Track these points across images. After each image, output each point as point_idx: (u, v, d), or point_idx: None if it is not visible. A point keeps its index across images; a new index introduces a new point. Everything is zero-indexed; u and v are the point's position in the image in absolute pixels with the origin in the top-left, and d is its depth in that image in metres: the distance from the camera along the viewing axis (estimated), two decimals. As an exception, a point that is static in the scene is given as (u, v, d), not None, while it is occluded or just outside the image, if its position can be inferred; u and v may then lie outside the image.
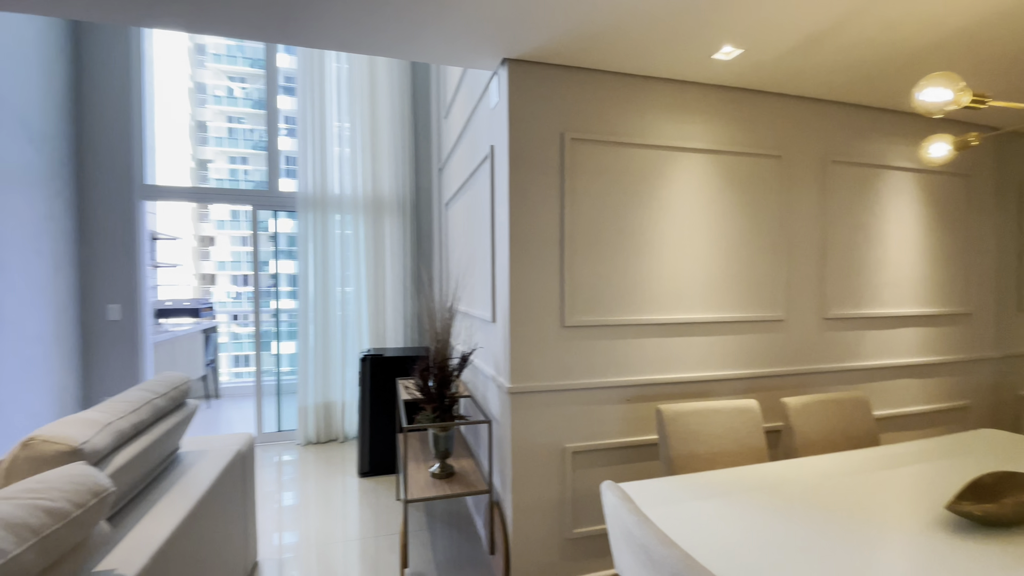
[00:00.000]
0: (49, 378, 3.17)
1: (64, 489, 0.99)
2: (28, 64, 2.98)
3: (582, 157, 1.98)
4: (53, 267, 3.21)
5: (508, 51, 1.84)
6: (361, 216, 3.97)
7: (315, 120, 3.89)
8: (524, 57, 1.88)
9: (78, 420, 1.28)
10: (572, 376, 1.96)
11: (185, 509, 1.45)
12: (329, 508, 2.80)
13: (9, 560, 0.81)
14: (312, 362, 3.90)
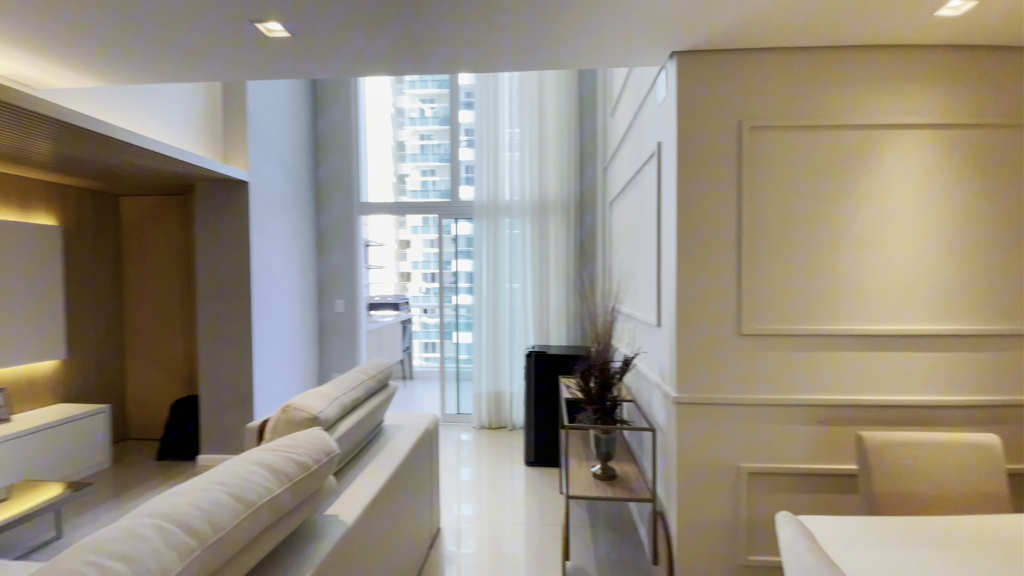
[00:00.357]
0: (298, 355, 4.08)
1: (308, 448, 1.28)
2: (284, 113, 3.86)
3: (763, 146, 1.78)
4: (300, 271, 4.11)
5: (677, 44, 1.76)
6: (528, 218, 4.19)
7: (489, 130, 4.22)
8: (694, 47, 1.77)
9: (316, 394, 1.64)
10: (750, 389, 1.78)
11: (388, 472, 1.73)
12: (499, 491, 3.03)
13: (273, 497, 1.09)
14: (484, 353, 4.26)
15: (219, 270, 3.44)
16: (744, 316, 1.77)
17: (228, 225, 3.42)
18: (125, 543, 0.80)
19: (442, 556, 2.32)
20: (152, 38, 1.75)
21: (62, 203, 3.49)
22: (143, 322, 4.00)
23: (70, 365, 3.54)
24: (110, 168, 2.98)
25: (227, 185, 3.41)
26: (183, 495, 0.96)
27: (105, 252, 3.85)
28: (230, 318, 3.44)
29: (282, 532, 1.16)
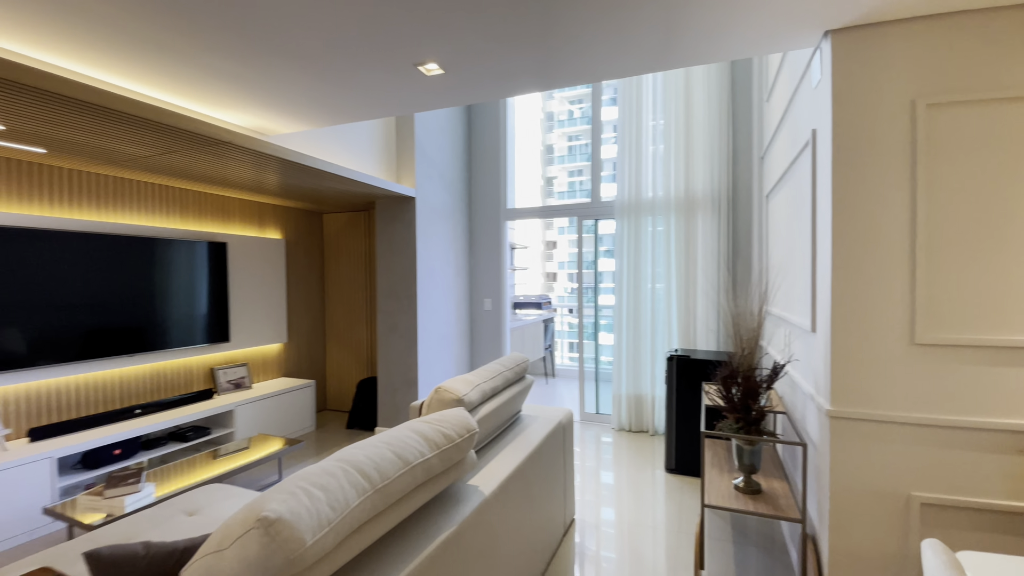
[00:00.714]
0: (453, 348, 4.56)
1: (453, 423, 1.50)
2: (443, 133, 4.35)
3: (946, 127, 1.51)
4: (455, 273, 4.59)
5: (832, 21, 1.59)
6: (672, 216, 4.05)
7: (631, 124, 4.18)
8: (852, 24, 1.59)
9: (462, 380, 1.88)
10: (926, 407, 1.53)
11: (522, 456, 1.90)
12: (636, 493, 3.02)
13: (425, 459, 1.32)
14: (625, 355, 4.24)
15: (392, 273, 4.04)
16: (919, 323, 1.53)
17: (399, 235, 4.00)
18: (322, 478, 1.07)
19: (574, 546, 2.42)
20: (342, 88, 2.19)
21: (285, 221, 4.46)
22: (338, 315, 4.88)
23: (288, 347, 4.50)
24: (317, 192, 3.72)
25: (399, 201, 3.99)
26: (361, 450, 1.23)
27: (313, 258, 4.79)
28: (400, 314, 4.01)
29: (432, 491, 1.38)
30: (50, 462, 2.56)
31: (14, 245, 2.60)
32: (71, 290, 2.84)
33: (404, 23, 1.66)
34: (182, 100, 2.34)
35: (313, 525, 0.95)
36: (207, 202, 3.75)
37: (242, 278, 3.94)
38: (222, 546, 0.93)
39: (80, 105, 1.87)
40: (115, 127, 2.14)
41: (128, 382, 3.25)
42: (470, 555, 1.45)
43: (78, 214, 2.97)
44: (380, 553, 1.22)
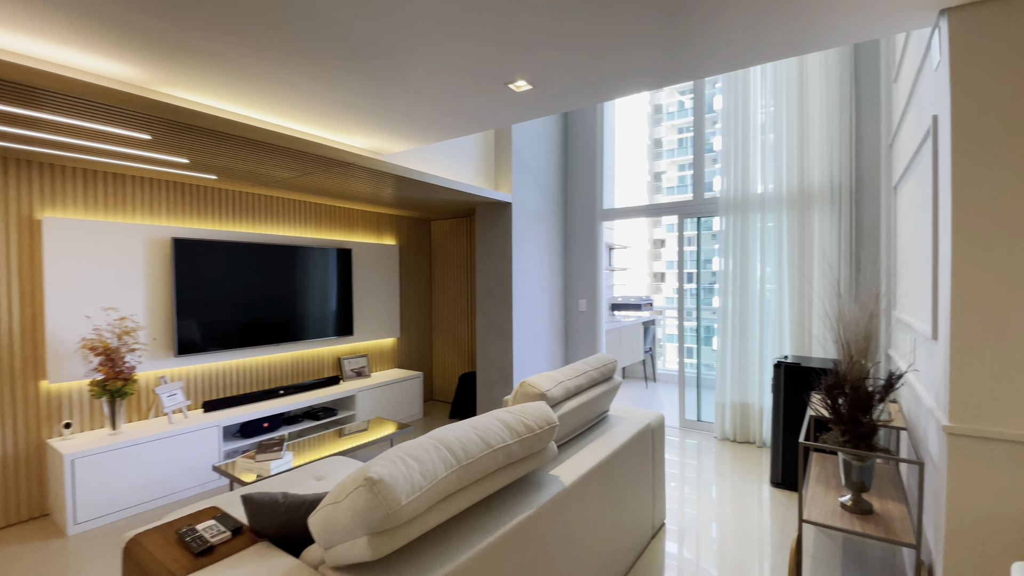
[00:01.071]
0: (547, 347, 4.69)
1: (534, 415, 1.62)
2: (539, 139, 4.50)
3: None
4: (549, 274, 4.71)
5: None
6: (784, 212, 3.77)
7: (737, 113, 3.96)
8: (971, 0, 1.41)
9: (546, 376, 1.99)
10: (1077, 431, 1.31)
11: (605, 453, 1.96)
12: (736, 505, 2.89)
13: (506, 445, 1.45)
14: (729, 360, 4.02)
15: (490, 275, 4.28)
16: (1069, 332, 1.31)
17: (497, 238, 4.23)
18: (417, 451, 1.25)
19: (662, 549, 2.40)
20: (444, 110, 2.43)
21: (398, 229, 4.94)
22: (443, 313, 5.27)
23: (401, 342, 4.97)
24: (425, 202, 4.09)
25: (496, 207, 4.22)
26: (451, 431, 1.40)
27: (421, 262, 5.24)
28: (497, 313, 4.24)
29: (513, 475, 1.52)
30: (218, 429, 3.16)
31: (194, 254, 3.25)
32: (234, 290, 3.47)
33: (494, 50, 1.83)
34: (316, 130, 2.76)
35: (407, 488, 1.13)
36: (336, 214, 4.30)
37: (363, 280, 4.45)
38: (338, 499, 1.15)
39: (243, 141, 2.31)
40: (267, 156, 2.60)
41: (274, 367, 3.87)
42: (548, 539, 1.56)
43: (239, 227, 3.61)
44: (465, 523, 1.38)
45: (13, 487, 2.63)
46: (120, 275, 2.96)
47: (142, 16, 1.57)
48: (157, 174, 3.03)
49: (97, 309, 2.86)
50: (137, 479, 2.78)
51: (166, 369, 3.22)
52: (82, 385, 2.86)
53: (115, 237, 2.93)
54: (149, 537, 1.40)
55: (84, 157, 2.59)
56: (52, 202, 2.75)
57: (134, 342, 2.93)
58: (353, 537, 1.12)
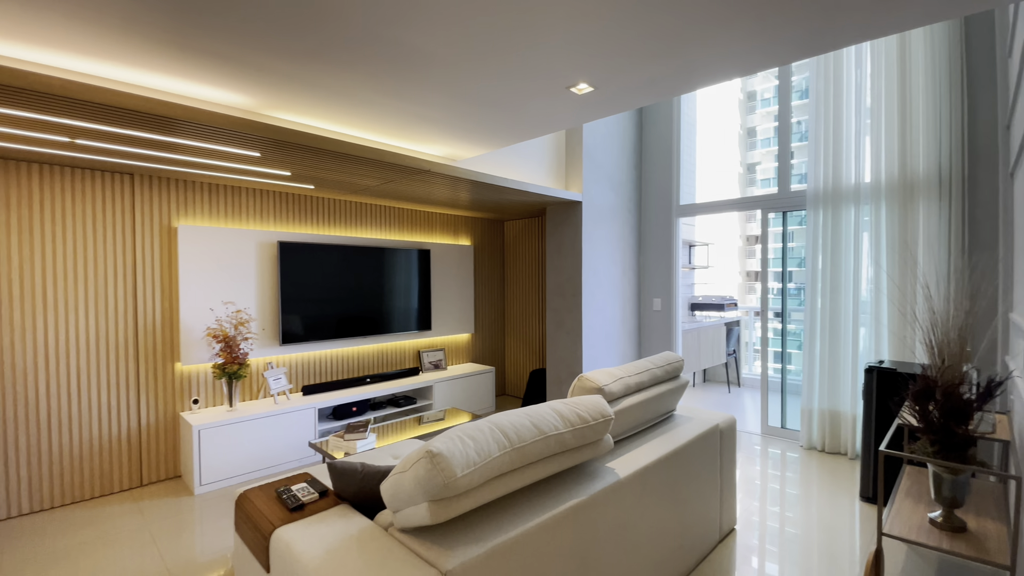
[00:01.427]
0: (618, 346, 4.66)
1: (589, 407, 1.69)
2: (611, 137, 4.49)
3: None
4: (621, 272, 4.68)
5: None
6: (882, 204, 3.45)
7: (827, 98, 3.68)
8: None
9: (605, 372, 2.04)
10: None
11: (666, 450, 1.97)
12: (820, 517, 2.72)
13: (559, 433, 1.53)
14: (818, 365, 3.76)
15: (560, 273, 4.35)
16: None
17: (567, 237, 4.29)
18: (473, 432, 1.37)
19: (730, 555, 2.34)
20: (512, 115, 2.55)
21: (472, 230, 5.16)
22: (515, 311, 5.43)
23: (474, 337, 5.20)
24: (498, 203, 4.26)
25: (567, 206, 4.28)
26: (506, 416, 1.51)
27: (494, 261, 5.43)
28: (567, 311, 4.30)
29: (566, 462, 1.59)
30: (314, 411, 3.54)
31: (295, 255, 3.66)
32: (329, 287, 3.86)
33: (554, 57, 1.91)
34: (396, 141, 3.01)
35: (463, 463, 1.25)
36: (416, 217, 4.61)
37: (440, 278, 4.72)
38: (403, 469, 1.30)
39: (335, 155, 2.60)
40: (355, 167, 2.89)
41: (362, 357, 4.24)
42: (602, 528, 1.62)
43: (333, 231, 4.01)
44: (519, 502, 1.48)
45: (154, 451, 3.15)
46: (236, 274, 3.43)
47: (255, 54, 1.85)
48: (265, 186, 3.47)
49: (218, 303, 3.34)
50: (248, 450, 3.21)
51: (272, 356, 3.67)
52: (206, 368, 3.35)
53: (233, 241, 3.40)
54: (255, 493, 1.66)
55: (208, 173, 3.05)
56: (184, 212, 3.25)
57: (247, 332, 3.38)
58: (415, 503, 1.27)
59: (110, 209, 2.98)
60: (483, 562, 1.24)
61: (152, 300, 3.13)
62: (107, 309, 2.97)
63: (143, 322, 3.10)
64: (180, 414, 3.22)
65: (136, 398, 3.08)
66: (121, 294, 3.02)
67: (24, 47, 1.77)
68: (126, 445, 3.05)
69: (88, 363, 2.91)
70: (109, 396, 2.98)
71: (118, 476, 3.02)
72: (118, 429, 3.02)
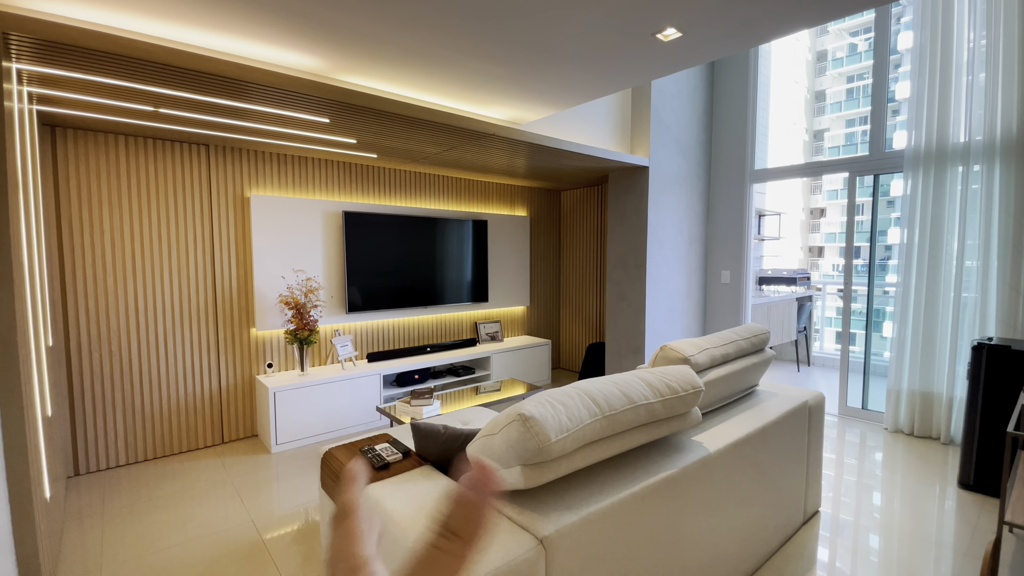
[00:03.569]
0: (682, 320, 4.47)
1: (677, 378, 1.58)
2: (681, 97, 4.21)
3: None
4: (688, 242, 4.45)
5: None
6: (996, 165, 3.05)
7: (933, 47, 3.27)
8: None
9: (689, 342, 1.91)
10: None
11: (754, 426, 1.84)
12: (914, 504, 2.51)
13: (648, 403, 1.44)
14: (910, 344, 3.45)
15: (622, 243, 4.18)
16: None
17: (631, 205, 4.10)
18: (562, 397, 1.31)
19: (814, 536, 2.20)
20: (585, 70, 2.40)
21: (529, 200, 5.05)
22: (571, 283, 5.31)
23: (530, 310, 5.14)
24: (557, 170, 4.12)
25: (631, 172, 4.08)
26: (593, 383, 1.43)
27: (551, 232, 5.31)
28: (629, 283, 4.14)
29: (655, 433, 1.51)
30: (379, 377, 3.62)
31: (359, 225, 3.70)
32: (391, 257, 3.89)
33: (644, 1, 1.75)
34: (462, 104, 2.93)
35: (556, 427, 1.19)
36: (473, 188, 4.55)
37: (497, 250, 4.67)
38: (492, 432, 1.26)
39: (400, 118, 2.55)
40: (419, 132, 2.83)
41: (422, 326, 4.28)
42: (691, 501, 1.53)
43: (394, 202, 4.02)
44: (609, 471, 1.42)
45: (233, 411, 3.33)
46: (304, 243, 3.50)
47: (324, 7, 1.80)
48: (331, 155, 3.49)
49: (289, 271, 3.43)
50: (319, 412, 3.33)
51: (339, 323, 3.76)
52: (279, 333, 3.48)
53: (300, 210, 3.47)
54: (339, 451, 1.68)
55: (277, 143, 3.09)
56: (256, 182, 3.33)
57: (316, 300, 3.47)
58: (508, 465, 1.22)
59: (188, 179, 3.09)
60: (578, 529, 1.19)
61: (229, 268, 3.25)
62: (188, 276, 3.12)
63: (221, 289, 3.23)
64: (256, 377, 3.36)
65: (216, 361, 3.24)
66: (201, 262, 3.16)
67: (102, 10, 1.80)
68: (208, 405, 3.23)
69: (173, 327, 3.08)
70: (192, 358, 3.15)
71: (202, 433, 3.22)
72: (201, 389, 3.20)
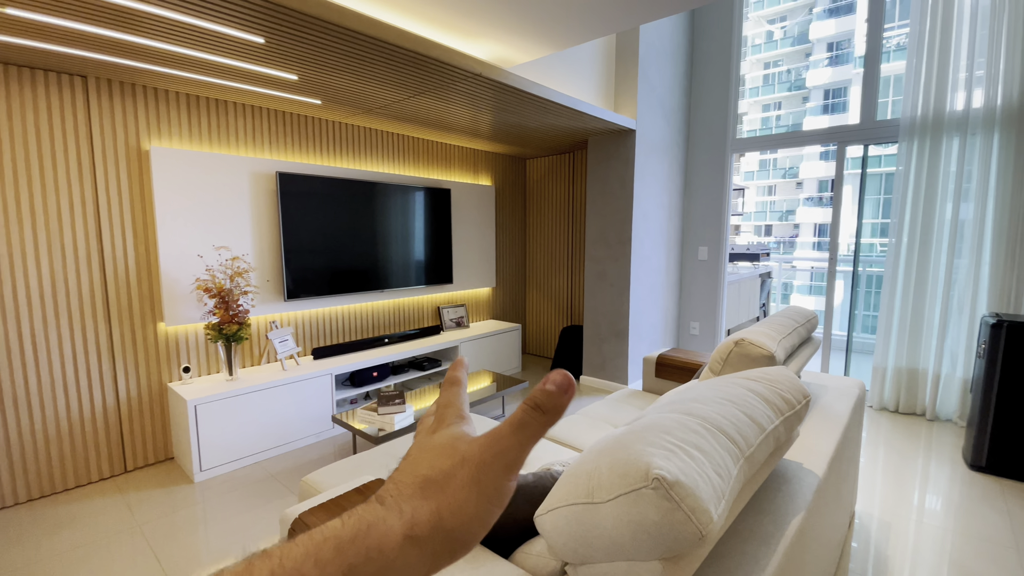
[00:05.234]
0: (661, 298, 4.20)
1: (788, 386, 1.18)
2: (664, 56, 3.83)
3: None
4: (667, 216, 4.14)
5: None
6: (996, 134, 2.96)
7: (937, 11, 3.09)
8: None
9: (762, 333, 1.54)
10: None
11: (837, 432, 1.51)
12: (936, 492, 2.37)
13: (775, 427, 1.03)
14: (897, 320, 3.37)
15: (603, 217, 3.79)
16: None
17: (614, 174, 3.70)
18: (688, 435, 0.85)
19: (867, 541, 1.96)
20: None
21: (494, 168, 4.51)
22: (538, 261, 4.88)
23: (496, 292, 4.66)
24: (526, 133, 3.60)
25: (616, 136, 3.66)
26: (701, 403, 0.99)
27: (516, 205, 4.81)
28: (611, 261, 3.77)
29: (772, 465, 1.11)
30: (330, 377, 3.00)
31: (299, 190, 2.99)
32: (339, 229, 3.21)
33: None
34: (435, 31, 2.32)
35: (711, 494, 0.74)
36: (432, 150, 3.92)
37: (461, 224, 4.11)
38: (595, 498, 0.78)
39: (356, 43, 1.92)
40: (377, 66, 2.20)
41: (376, 314, 3.66)
42: (813, 543, 1.16)
43: (342, 163, 3.32)
44: (735, 533, 1.00)
45: (139, 430, 2.58)
46: (227, 212, 2.76)
47: None
48: (262, 99, 2.74)
49: (208, 248, 2.68)
50: (256, 426, 2.67)
51: (276, 314, 3.07)
52: (197, 329, 2.74)
53: (221, 170, 2.71)
54: (315, 518, 1.13)
55: (189, 76, 2.32)
56: (159, 132, 2.53)
57: (246, 284, 2.75)
58: (633, 559, 0.76)
59: (58, 123, 2.25)
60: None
61: (123, 244, 2.46)
62: (64, 255, 2.30)
63: (112, 271, 2.44)
64: (168, 385, 2.62)
65: (111, 366, 2.47)
66: (81, 235, 2.34)
67: None
68: (102, 424, 2.46)
69: (45, 322, 2.27)
70: (76, 364, 2.36)
71: (95, 462, 2.46)
72: (90, 405, 2.42)
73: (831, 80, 23.51)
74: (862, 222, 3.88)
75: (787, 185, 24.97)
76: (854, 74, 22.00)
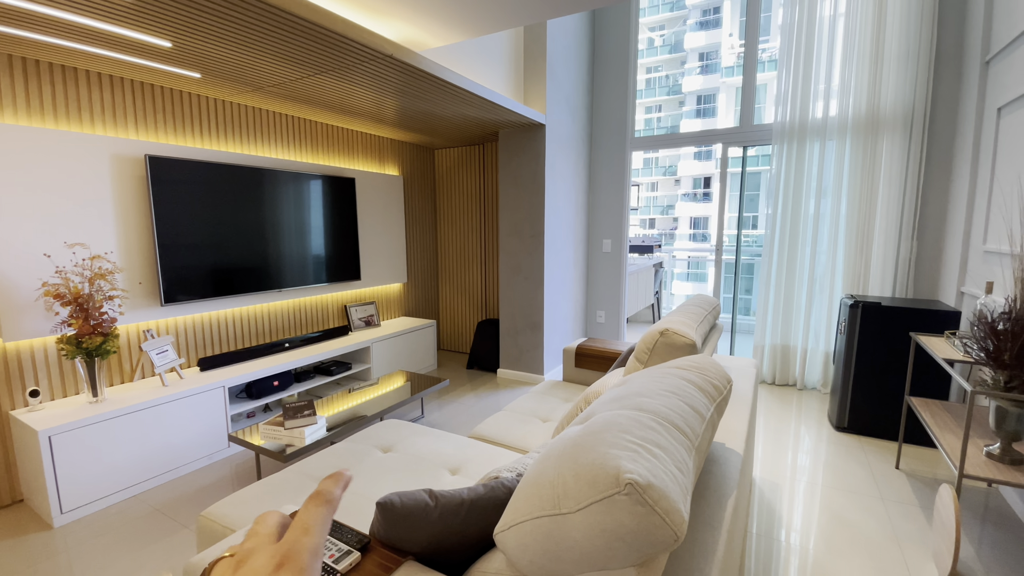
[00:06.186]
0: (570, 291, 4.34)
1: (714, 373, 1.26)
2: (570, 54, 3.91)
3: None
4: (575, 210, 4.28)
5: None
6: (848, 140, 3.44)
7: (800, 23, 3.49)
8: None
9: (682, 323, 1.62)
10: None
11: (747, 411, 1.65)
12: (813, 453, 2.72)
13: (711, 414, 1.09)
14: (772, 303, 3.81)
15: (516, 210, 3.80)
16: None
17: (525, 167, 3.72)
18: (645, 432, 0.86)
19: (759, 508, 2.19)
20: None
21: (401, 157, 4.30)
22: (450, 255, 4.78)
23: (407, 287, 4.48)
24: (435, 122, 3.48)
25: (526, 130, 3.67)
26: (650, 398, 1.01)
27: (425, 197, 4.66)
28: (525, 254, 3.80)
29: (708, 450, 1.16)
30: (222, 391, 2.66)
31: (176, 177, 2.59)
32: (225, 222, 2.85)
33: None
34: (342, 5, 2.12)
35: (680, 494, 0.74)
36: (333, 136, 3.63)
37: (368, 215, 3.87)
38: (562, 509, 0.75)
39: (250, 7, 1.69)
40: (267, 31, 1.97)
41: (274, 316, 3.33)
42: (739, 520, 1.25)
43: (227, 147, 2.93)
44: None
45: (-30, 471, 2.08)
46: (82, 202, 2.30)
47: None
48: (125, 69, 2.31)
49: (58, 246, 2.22)
50: (132, 453, 2.28)
51: (151, 321, 2.64)
52: (47, 343, 2.27)
53: (71, 152, 2.25)
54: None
55: (28, 35, 1.87)
56: (-24, 101, 2.02)
57: (111, 288, 2.32)
58: (607, 568, 0.74)
59: None
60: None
61: (-71, 243, 1.94)
62: None
63: (-84, 278, 1.92)
64: (11, 414, 2.14)
65: (-80, 398, 1.95)
66: None
67: None
68: (-89, 471, 1.94)
69: None
70: None
71: (-98, 519, 1.93)
72: None
73: (702, 87, 25.93)
74: (742, 215, 4.32)
75: (667, 182, 27.26)
76: (721, 83, 24.44)
